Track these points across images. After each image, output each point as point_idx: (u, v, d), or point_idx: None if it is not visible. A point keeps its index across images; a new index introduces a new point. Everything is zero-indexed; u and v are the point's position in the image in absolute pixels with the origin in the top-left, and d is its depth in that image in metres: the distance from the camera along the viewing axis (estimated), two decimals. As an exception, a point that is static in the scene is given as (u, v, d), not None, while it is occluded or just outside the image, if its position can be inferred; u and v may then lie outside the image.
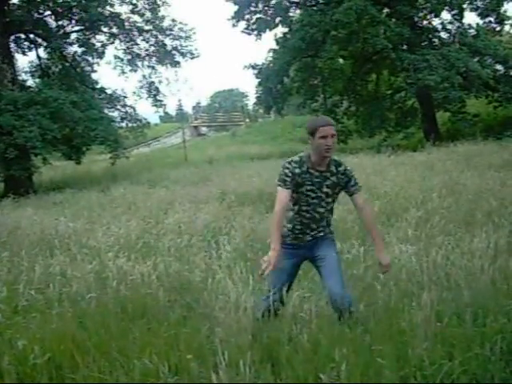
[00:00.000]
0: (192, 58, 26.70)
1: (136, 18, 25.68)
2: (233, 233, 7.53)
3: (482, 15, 24.91)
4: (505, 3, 24.89)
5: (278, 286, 4.13)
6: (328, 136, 4.12)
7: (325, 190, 4.24)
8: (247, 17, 27.84)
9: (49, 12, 24.28)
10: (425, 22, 25.77)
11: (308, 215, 4.26)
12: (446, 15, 25.40)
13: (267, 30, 27.91)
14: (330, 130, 4.14)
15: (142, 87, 26.87)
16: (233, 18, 27.87)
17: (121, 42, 25.98)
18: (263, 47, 65.46)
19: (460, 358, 3.34)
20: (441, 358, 3.36)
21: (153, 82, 26.88)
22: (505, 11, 24.87)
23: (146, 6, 25.54)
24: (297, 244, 4.33)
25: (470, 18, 64.28)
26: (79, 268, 5.97)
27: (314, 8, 26.26)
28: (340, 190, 4.33)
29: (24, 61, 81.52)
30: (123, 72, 26.54)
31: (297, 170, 4.22)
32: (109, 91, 26.15)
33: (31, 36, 24.62)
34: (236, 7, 27.53)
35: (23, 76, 25.75)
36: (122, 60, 26.39)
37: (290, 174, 4.19)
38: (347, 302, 4.05)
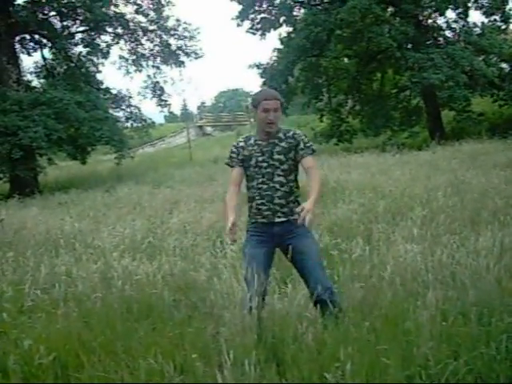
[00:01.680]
0: (196, 58, 26.77)
1: (140, 18, 25.78)
2: (238, 233, 7.51)
3: (487, 14, 24.81)
4: (510, 1, 24.83)
5: (257, 283, 3.96)
6: (270, 110, 4.10)
7: (276, 156, 4.14)
8: (251, 16, 27.82)
9: (53, 13, 24.34)
10: (429, 21, 25.72)
11: (265, 186, 4.15)
12: (450, 14, 25.37)
13: (271, 29, 27.89)
14: (272, 104, 4.11)
15: (146, 87, 26.96)
16: (237, 17, 27.86)
17: (125, 42, 26.06)
18: (268, 47, 65.77)
19: (465, 358, 3.33)
20: (446, 357, 3.35)
21: (157, 82, 26.94)
22: (510, 9, 24.75)
23: (151, 6, 25.59)
24: (266, 228, 4.18)
25: (475, 17, 64.33)
26: (84, 268, 5.99)
27: (319, 7, 26.25)
28: (295, 157, 4.17)
29: (29, 61, 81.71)
30: (128, 72, 26.65)
31: (241, 144, 4.28)
32: (114, 91, 26.27)
33: (36, 37, 24.68)
34: (240, 7, 27.51)
35: (28, 76, 25.89)
36: (127, 60, 26.48)
37: (234, 150, 4.29)
38: (333, 293, 4.06)
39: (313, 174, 4.12)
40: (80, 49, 25.59)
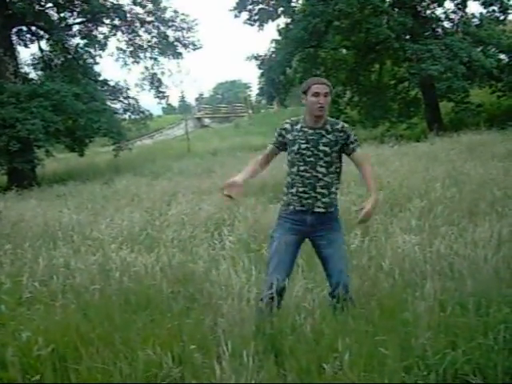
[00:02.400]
0: (194, 50, 26.65)
1: (138, 9, 25.62)
2: (236, 224, 7.53)
3: (485, 4, 24.71)
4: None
5: (282, 269, 4.07)
6: (320, 94, 4.11)
7: (321, 148, 4.14)
8: (249, 7, 27.69)
9: (50, 4, 24.22)
10: (428, 12, 25.64)
11: (308, 174, 4.15)
12: (449, 4, 25.31)
13: (270, 20, 27.78)
14: (322, 89, 4.13)
15: (144, 79, 26.85)
16: (235, 8, 27.73)
17: (123, 33, 25.93)
18: (266, 38, 65.71)
19: (463, 348, 3.34)
20: (444, 347, 3.36)
21: (155, 74, 26.84)
22: (508, 0, 24.71)
23: (148, -3, 25.47)
24: (302, 216, 4.17)
25: (474, 8, 64.14)
26: (83, 260, 5.98)
27: (317, -2, 26.14)
28: (340, 150, 4.21)
29: (26, 53, 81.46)
30: (126, 64, 26.53)
31: (286, 126, 4.28)
32: (111, 83, 26.14)
33: (33, 28, 24.56)
34: (238, -2, 27.41)
35: (25, 68, 25.73)
36: (125, 52, 26.35)
37: (279, 131, 4.31)
38: (349, 291, 4.08)
39: (368, 171, 4.27)
40: (77, 40, 25.51)
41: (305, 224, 4.18)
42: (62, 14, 24.69)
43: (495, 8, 24.77)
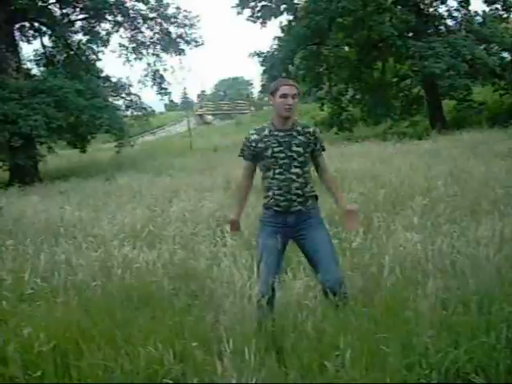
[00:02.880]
0: (197, 46, 26.66)
1: (140, 5, 25.61)
2: (241, 225, 7.51)
3: (488, 2, 24.72)
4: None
5: (269, 272, 4.05)
6: (289, 95, 4.14)
7: (295, 148, 4.17)
8: (252, 4, 27.72)
9: (53, 0, 24.21)
10: (431, 10, 25.60)
11: (282, 177, 4.18)
12: (452, 2, 25.33)
13: (272, 17, 27.79)
14: (291, 90, 4.16)
15: (146, 75, 26.85)
16: (237, 5, 27.76)
17: (125, 29, 25.94)
18: (268, 35, 65.62)
19: (465, 346, 3.33)
20: (446, 346, 3.35)
21: (157, 70, 26.86)
22: (511, -2, 24.68)
23: (151, -6, 25.43)
24: (281, 217, 4.22)
25: (477, 6, 64.05)
26: (84, 256, 5.98)
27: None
28: (311, 152, 4.25)
29: (29, 49, 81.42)
30: (128, 60, 26.53)
31: (254, 137, 4.30)
32: (114, 79, 26.23)
33: (36, 24, 24.56)
34: (241, -5, 27.40)
35: (28, 64, 25.76)
36: (127, 48, 26.36)
37: (247, 144, 4.33)
38: (343, 286, 4.07)
39: (329, 174, 4.42)
40: (80, 37, 25.57)
41: (286, 224, 4.22)
42: (64, 10, 24.69)
43: (498, 6, 24.78)
